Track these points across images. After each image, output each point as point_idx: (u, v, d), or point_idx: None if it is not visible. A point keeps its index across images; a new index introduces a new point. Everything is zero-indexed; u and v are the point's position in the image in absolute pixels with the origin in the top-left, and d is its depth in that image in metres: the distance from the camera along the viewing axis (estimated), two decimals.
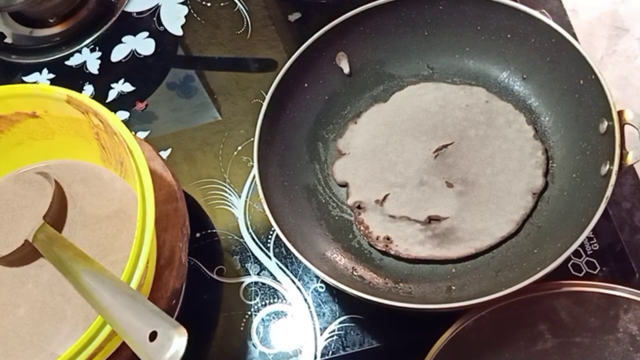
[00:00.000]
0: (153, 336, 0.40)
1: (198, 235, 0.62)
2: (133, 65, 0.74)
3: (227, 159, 0.66)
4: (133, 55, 0.75)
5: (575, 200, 0.52)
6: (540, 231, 0.54)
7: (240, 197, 0.64)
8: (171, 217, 0.55)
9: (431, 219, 0.56)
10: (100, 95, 0.73)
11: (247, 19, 0.74)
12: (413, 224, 0.56)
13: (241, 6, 0.75)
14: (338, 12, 0.60)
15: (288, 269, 0.60)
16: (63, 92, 0.52)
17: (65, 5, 0.79)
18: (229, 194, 0.64)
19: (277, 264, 0.60)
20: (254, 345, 0.57)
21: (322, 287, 0.58)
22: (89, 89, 0.74)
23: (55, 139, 0.58)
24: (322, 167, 0.61)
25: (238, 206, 0.64)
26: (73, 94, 0.52)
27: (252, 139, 0.57)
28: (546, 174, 0.56)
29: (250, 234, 0.62)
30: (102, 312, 0.43)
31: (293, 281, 0.59)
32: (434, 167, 0.58)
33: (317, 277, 0.58)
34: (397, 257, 0.56)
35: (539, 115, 0.59)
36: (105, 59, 0.75)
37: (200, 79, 0.73)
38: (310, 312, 0.58)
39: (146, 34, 0.76)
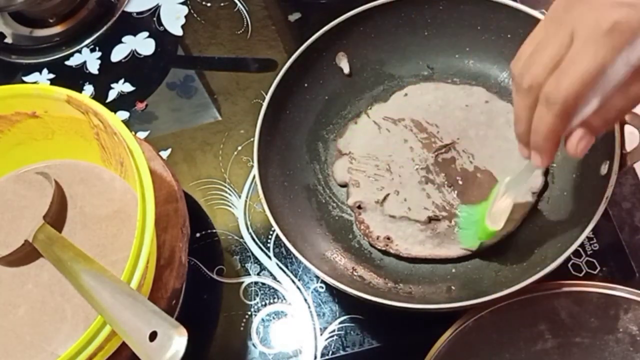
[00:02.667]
0: (153, 336, 0.40)
1: (198, 235, 0.62)
2: (133, 65, 0.74)
3: (227, 159, 0.66)
4: (133, 55, 0.75)
5: (575, 200, 0.52)
6: (540, 231, 0.54)
7: (240, 197, 0.64)
8: (171, 217, 0.55)
9: (431, 219, 0.56)
10: (100, 95, 0.73)
11: (247, 19, 0.74)
12: (413, 224, 0.56)
13: (241, 6, 0.75)
14: (338, 12, 0.60)
15: (288, 269, 0.60)
16: (63, 92, 0.52)
17: (65, 5, 0.79)
18: (229, 194, 0.64)
19: (277, 264, 0.60)
20: (254, 345, 0.57)
21: (322, 287, 0.58)
22: (89, 89, 0.74)
23: (55, 139, 0.58)
24: (322, 167, 0.61)
25: (238, 206, 0.64)
26: (73, 94, 0.52)
27: (252, 139, 0.57)
28: (546, 174, 0.56)
29: (250, 234, 0.62)
30: (102, 312, 0.43)
31: (293, 281, 0.59)
32: (434, 166, 0.58)
33: (317, 277, 0.58)
34: (397, 257, 0.56)
35: None
36: (105, 59, 0.75)
37: (200, 79, 0.73)
38: (310, 312, 0.58)
39: (146, 34, 0.76)
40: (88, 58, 0.76)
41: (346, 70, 0.62)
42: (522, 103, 0.40)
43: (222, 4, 0.76)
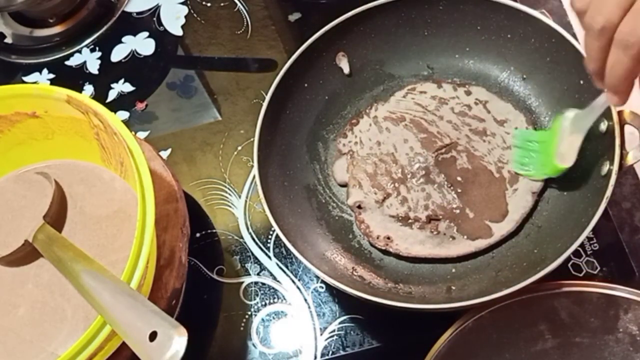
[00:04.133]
0: (153, 336, 0.40)
1: (198, 235, 0.62)
2: (133, 65, 0.74)
3: (227, 159, 0.66)
4: (133, 55, 0.75)
5: (575, 200, 0.52)
6: (540, 231, 0.54)
7: (240, 197, 0.64)
8: (171, 217, 0.55)
9: (431, 219, 0.56)
10: (100, 95, 0.73)
11: (247, 19, 0.74)
12: (413, 223, 0.56)
13: (241, 6, 0.75)
14: (338, 12, 0.60)
15: (288, 269, 0.60)
16: (63, 92, 0.52)
17: (65, 5, 0.79)
18: (229, 194, 0.64)
19: (277, 264, 0.60)
20: (254, 345, 0.57)
21: (322, 287, 0.58)
22: (89, 89, 0.74)
23: (55, 139, 0.58)
24: (322, 167, 0.61)
25: (238, 206, 0.64)
26: (73, 94, 0.52)
27: (252, 139, 0.57)
28: None
29: (250, 234, 0.62)
30: (102, 312, 0.43)
31: (293, 281, 0.59)
32: (434, 166, 0.58)
33: (317, 277, 0.58)
34: (398, 257, 0.56)
35: (539, 115, 0.59)
36: (105, 59, 0.75)
37: (200, 79, 0.73)
38: (310, 312, 0.58)
39: (146, 34, 0.76)
40: (88, 58, 0.76)
41: (346, 70, 0.62)
42: (594, 44, 0.39)
43: (222, 4, 0.76)
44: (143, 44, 0.75)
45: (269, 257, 0.61)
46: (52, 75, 0.76)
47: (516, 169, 0.56)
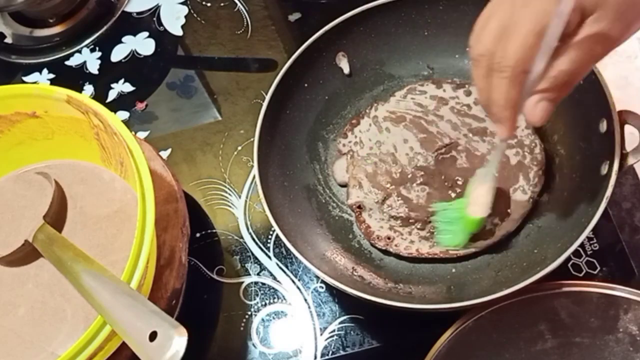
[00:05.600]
0: (153, 336, 0.40)
1: (198, 235, 0.62)
2: (133, 65, 0.74)
3: (227, 159, 0.66)
4: (133, 55, 0.75)
5: (575, 200, 0.52)
6: (540, 231, 0.54)
7: (240, 197, 0.64)
8: (171, 217, 0.55)
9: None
10: (100, 95, 0.73)
11: (247, 19, 0.74)
12: (413, 223, 0.56)
13: (241, 6, 0.75)
14: (338, 12, 0.60)
15: (288, 269, 0.60)
16: (63, 92, 0.52)
17: (65, 5, 0.79)
18: (229, 194, 0.64)
19: (277, 264, 0.60)
20: (254, 345, 0.57)
21: (322, 287, 0.58)
22: (89, 89, 0.74)
23: (55, 139, 0.58)
24: (322, 167, 0.61)
25: (238, 206, 0.64)
26: (73, 94, 0.52)
27: (252, 139, 0.57)
28: (546, 173, 0.56)
29: (250, 234, 0.62)
30: (102, 312, 0.43)
31: (293, 281, 0.59)
32: (433, 166, 0.58)
33: (317, 277, 0.58)
34: (398, 257, 0.56)
35: None
36: (105, 59, 0.75)
37: (200, 79, 0.73)
38: (310, 312, 0.58)
39: (146, 34, 0.76)
40: (88, 58, 0.76)
41: (346, 70, 0.62)
42: (477, 73, 0.41)
43: (222, 4, 0.76)
44: (143, 44, 0.75)
45: (269, 257, 0.61)
46: (52, 75, 0.76)
47: (442, 245, 0.54)
